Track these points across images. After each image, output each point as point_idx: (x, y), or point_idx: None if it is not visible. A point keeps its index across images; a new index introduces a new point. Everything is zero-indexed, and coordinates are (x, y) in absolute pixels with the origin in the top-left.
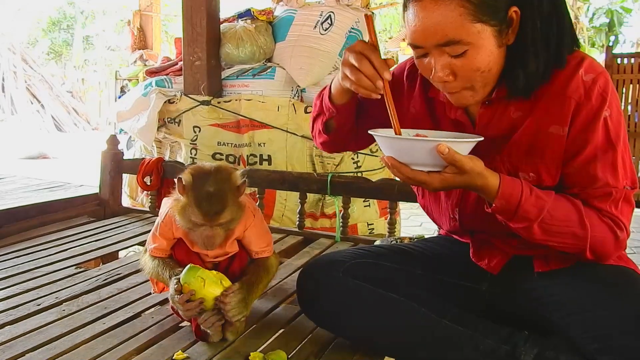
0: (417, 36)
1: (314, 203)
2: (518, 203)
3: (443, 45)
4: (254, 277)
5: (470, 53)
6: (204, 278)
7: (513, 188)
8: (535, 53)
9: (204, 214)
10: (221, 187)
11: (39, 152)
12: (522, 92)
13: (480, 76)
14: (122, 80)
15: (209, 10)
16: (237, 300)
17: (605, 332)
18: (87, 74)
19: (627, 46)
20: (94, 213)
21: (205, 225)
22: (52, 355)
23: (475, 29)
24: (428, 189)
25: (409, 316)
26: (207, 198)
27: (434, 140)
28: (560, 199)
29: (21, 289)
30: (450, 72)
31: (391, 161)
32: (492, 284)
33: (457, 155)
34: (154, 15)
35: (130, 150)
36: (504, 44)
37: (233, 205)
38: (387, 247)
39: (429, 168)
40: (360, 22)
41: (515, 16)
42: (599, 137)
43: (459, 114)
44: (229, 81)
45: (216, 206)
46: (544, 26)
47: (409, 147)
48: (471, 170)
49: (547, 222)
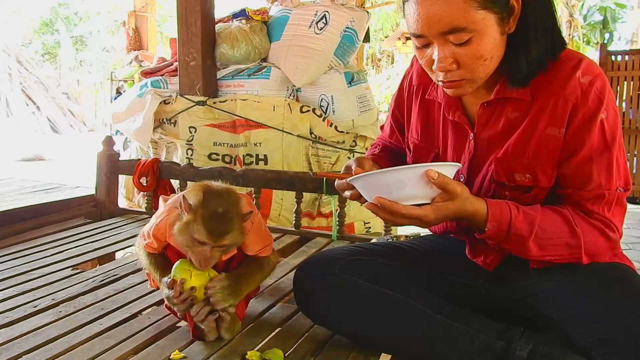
0: (420, 25)
1: (310, 202)
2: (509, 222)
3: (447, 32)
4: (244, 269)
5: (474, 40)
6: (192, 270)
7: (501, 209)
8: (536, 40)
9: (209, 233)
10: (230, 210)
11: (34, 154)
12: (523, 80)
13: (482, 65)
14: (117, 82)
15: (204, 10)
16: (222, 286)
17: (599, 327)
18: (83, 76)
19: (621, 43)
20: (90, 214)
21: (206, 245)
22: (50, 357)
23: (479, 16)
24: (423, 225)
25: (404, 312)
26: (215, 218)
27: (422, 165)
28: (548, 212)
29: (18, 291)
30: (453, 61)
31: (381, 201)
32: (487, 280)
33: (447, 178)
34: (149, 16)
35: (126, 151)
36: (505, 32)
37: (238, 231)
38: (383, 245)
39: (418, 200)
40: (355, 21)
41: (516, 4)
42: (595, 139)
43: (458, 115)
44: (224, 81)
45: (223, 227)
46: (544, 13)
47: (398, 179)
48: (461, 193)
49: (541, 237)
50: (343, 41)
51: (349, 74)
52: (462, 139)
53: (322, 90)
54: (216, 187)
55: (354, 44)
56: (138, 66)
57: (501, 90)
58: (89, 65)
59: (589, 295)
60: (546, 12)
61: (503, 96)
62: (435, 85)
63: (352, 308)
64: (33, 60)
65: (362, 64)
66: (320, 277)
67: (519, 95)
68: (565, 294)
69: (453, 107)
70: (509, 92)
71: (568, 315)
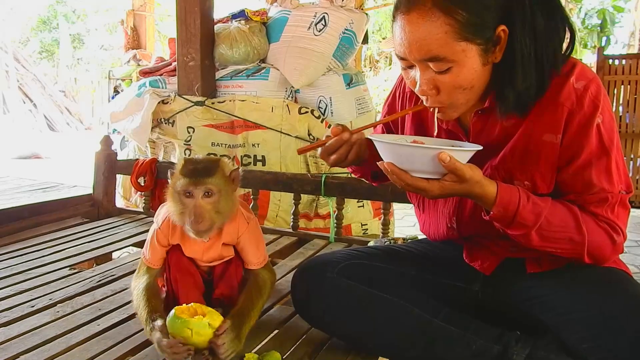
0: (403, 49)
1: (308, 204)
2: (516, 210)
3: (427, 60)
4: (244, 303)
5: (453, 70)
6: (191, 328)
7: (510, 195)
8: (524, 72)
9: (189, 179)
10: (209, 162)
11: (31, 152)
12: (515, 109)
13: (462, 93)
14: (115, 80)
15: (203, 10)
16: (230, 340)
17: (595, 332)
18: (80, 74)
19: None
20: (87, 214)
21: (191, 197)
22: (47, 357)
23: (459, 47)
24: (427, 196)
25: (401, 316)
26: (193, 164)
27: (436, 148)
28: (557, 205)
29: (15, 291)
30: (433, 87)
31: (391, 167)
32: (484, 284)
33: (458, 163)
34: (147, 15)
35: (124, 151)
36: (489, 62)
37: (221, 179)
38: (381, 248)
39: (428, 175)
40: (354, 23)
41: (503, 35)
42: (593, 144)
43: (452, 124)
44: (223, 82)
45: (201, 172)
46: (534, 44)
47: (410, 154)
48: (470, 178)
49: (545, 229)
50: (342, 43)
51: (347, 75)
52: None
53: (321, 92)
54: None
55: (353, 45)
56: (136, 65)
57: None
58: (86, 64)
59: (585, 301)
60: (538, 43)
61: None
62: None
63: (350, 311)
64: (30, 57)
65: (360, 65)
66: (318, 281)
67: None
68: (561, 299)
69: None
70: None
71: (564, 320)
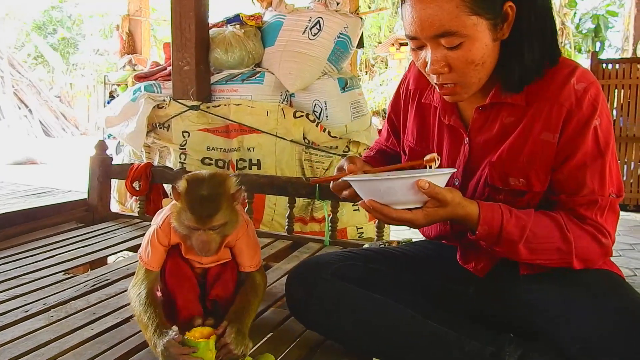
0: (414, 27)
1: (303, 207)
2: (500, 226)
3: (439, 36)
4: (243, 302)
5: (465, 45)
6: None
7: (493, 212)
8: (530, 47)
9: (197, 217)
10: (215, 192)
11: (26, 158)
12: (516, 86)
13: (474, 70)
14: (110, 85)
15: (198, 15)
16: (234, 334)
17: (588, 334)
18: (75, 79)
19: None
20: (82, 219)
21: (199, 230)
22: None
23: (471, 21)
24: (414, 226)
25: (396, 318)
26: (200, 201)
27: (413, 176)
28: (540, 217)
29: (9, 296)
30: (445, 64)
31: (372, 204)
32: (478, 286)
33: (437, 188)
34: (142, 20)
35: (119, 156)
36: (498, 38)
37: (227, 209)
38: (375, 250)
39: (410, 205)
40: (349, 27)
41: (511, 11)
42: (589, 145)
43: (453, 119)
44: (218, 86)
45: (209, 209)
46: (539, 21)
47: (389, 187)
48: (452, 200)
49: (532, 241)
50: (337, 47)
51: (342, 79)
52: (457, 142)
53: (316, 96)
54: (202, 174)
55: (348, 49)
56: (131, 70)
57: (496, 95)
58: (81, 69)
59: (577, 303)
60: (542, 20)
61: (498, 101)
62: (432, 89)
63: (344, 313)
64: (25, 63)
65: (355, 69)
66: (312, 283)
67: (513, 101)
68: (554, 301)
69: (449, 111)
70: (503, 97)
71: (557, 322)
